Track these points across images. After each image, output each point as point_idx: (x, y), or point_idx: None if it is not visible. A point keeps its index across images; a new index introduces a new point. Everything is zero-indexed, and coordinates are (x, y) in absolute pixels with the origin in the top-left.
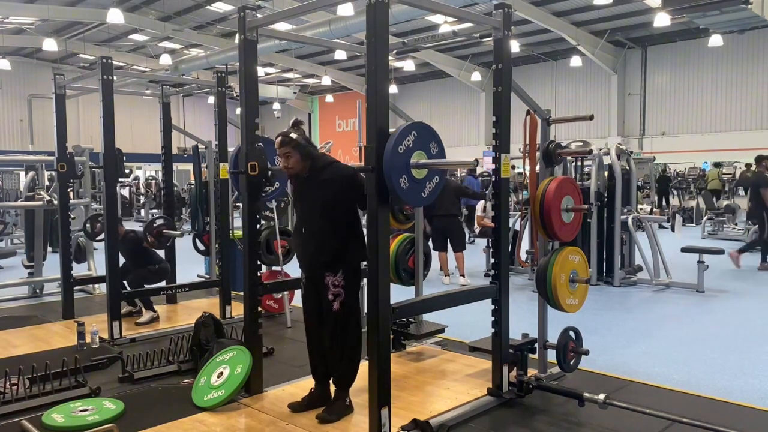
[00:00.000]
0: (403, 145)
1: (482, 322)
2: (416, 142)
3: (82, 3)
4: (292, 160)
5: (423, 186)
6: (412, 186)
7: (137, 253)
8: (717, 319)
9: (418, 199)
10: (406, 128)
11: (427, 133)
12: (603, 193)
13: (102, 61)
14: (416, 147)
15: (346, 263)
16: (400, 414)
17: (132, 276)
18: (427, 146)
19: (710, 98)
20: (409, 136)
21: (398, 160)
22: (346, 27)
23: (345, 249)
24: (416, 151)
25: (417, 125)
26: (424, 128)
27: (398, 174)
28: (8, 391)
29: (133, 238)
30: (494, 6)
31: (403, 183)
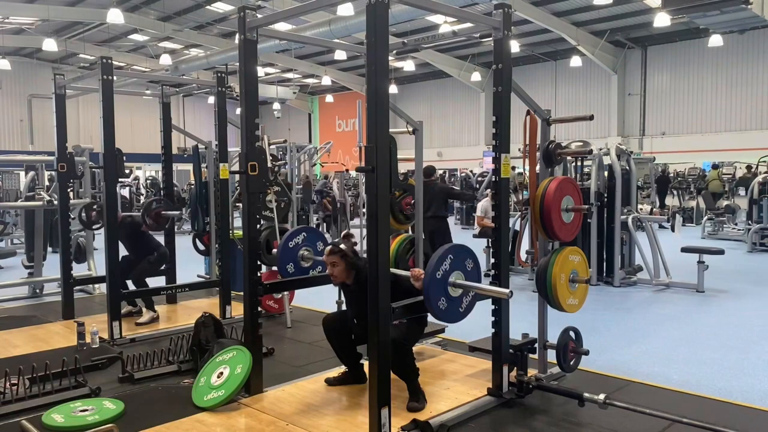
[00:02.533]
0: (442, 269)
1: (482, 322)
2: (453, 264)
3: (82, 3)
4: (338, 269)
5: (460, 302)
6: (450, 305)
7: (135, 237)
8: (717, 319)
9: (456, 316)
10: (444, 252)
11: (463, 253)
12: (603, 193)
13: (102, 61)
14: (453, 268)
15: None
16: (400, 414)
17: (134, 273)
18: (463, 264)
19: (710, 98)
20: (447, 260)
21: (437, 282)
22: (346, 27)
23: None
24: (454, 272)
25: (453, 248)
26: (461, 249)
27: (437, 296)
28: (8, 391)
29: (130, 222)
30: (494, 6)
31: (441, 305)
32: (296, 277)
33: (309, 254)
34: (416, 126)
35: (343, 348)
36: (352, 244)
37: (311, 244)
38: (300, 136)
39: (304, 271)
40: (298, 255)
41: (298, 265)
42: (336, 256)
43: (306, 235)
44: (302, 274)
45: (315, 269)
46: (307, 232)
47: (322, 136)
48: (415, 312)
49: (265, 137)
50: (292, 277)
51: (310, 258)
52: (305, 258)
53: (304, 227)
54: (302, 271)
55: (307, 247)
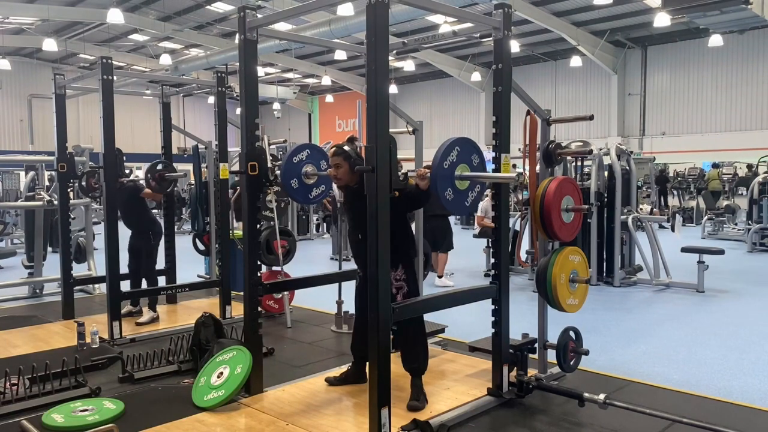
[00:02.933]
0: (448, 159)
1: (482, 322)
2: (460, 156)
3: (82, 3)
4: (341, 170)
5: (466, 196)
6: (457, 197)
7: (133, 202)
8: (717, 319)
9: (463, 208)
10: (451, 144)
11: (470, 146)
12: (603, 193)
13: (102, 61)
14: (460, 161)
15: (402, 258)
16: (400, 414)
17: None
18: (470, 159)
19: (710, 98)
20: (453, 151)
21: (444, 173)
22: (346, 27)
23: (399, 247)
24: (460, 164)
25: (459, 140)
26: (466, 142)
27: (444, 186)
28: (8, 391)
29: (131, 186)
30: (494, 6)
31: (449, 195)
32: (296, 278)
33: (313, 170)
34: (416, 126)
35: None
36: (355, 147)
37: (315, 161)
38: (300, 136)
39: (308, 188)
40: (301, 171)
41: (302, 181)
42: (340, 157)
43: (310, 152)
44: (306, 190)
45: (318, 187)
46: (311, 149)
47: (322, 136)
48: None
49: (265, 137)
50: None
51: (314, 174)
52: (309, 174)
53: (308, 144)
54: (306, 187)
55: (311, 164)
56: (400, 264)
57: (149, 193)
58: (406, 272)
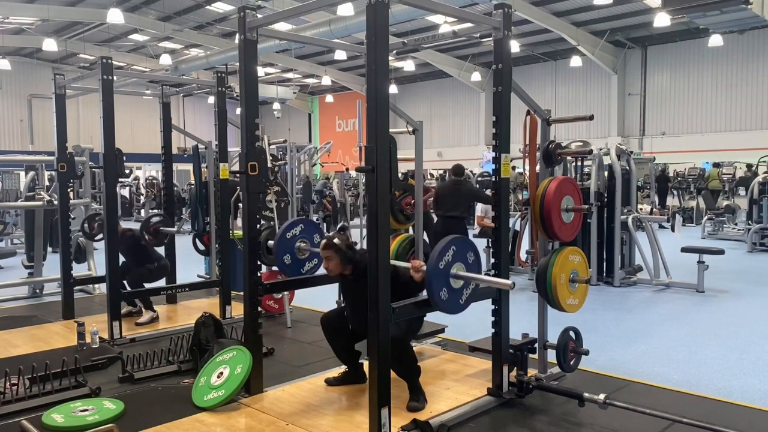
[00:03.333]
0: (444, 260)
1: (482, 322)
2: (455, 256)
3: (82, 3)
4: (332, 263)
5: (461, 294)
6: (451, 296)
7: (136, 251)
8: (717, 319)
9: (457, 307)
10: (446, 245)
11: (465, 245)
12: (603, 193)
13: (102, 61)
14: (455, 260)
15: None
16: (400, 414)
17: (130, 276)
18: (465, 257)
19: (710, 98)
20: (449, 251)
21: (439, 272)
22: (346, 27)
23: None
24: (455, 263)
25: (455, 240)
26: (462, 242)
27: (439, 287)
28: (8, 391)
29: (131, 236)
30: (494, 6)
31: (443, 295)
32: (296, 277)
33: (306, 246)
34: (416, 126)
35: (342, 347)
36: (346, 237)
37: (308, 236)
38: (300, 136)
39: (301, 263)
40: (294, 247)
41: (295, 257)
42: (330, 250)
43: (303, 227)
44: (299, 265)
45: (311, 261)
46: (305, 224)
47: (322, 136)
48: (414, 309)
49: (265, 137)
50: (288, 268)
51: (307, 250)
52: (302, 250)
53: (302, 219)
54: (299, 262)
55: (303, 239)
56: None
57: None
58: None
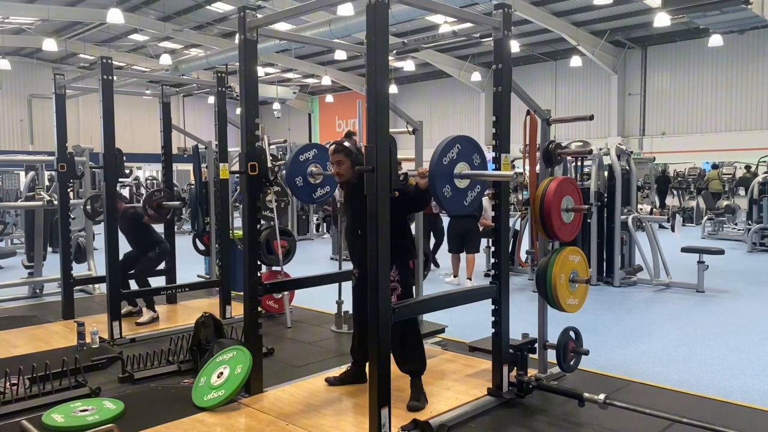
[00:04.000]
0: (448, 156)
1: (482, 322)
2: (460, 154)
3: (82, 3)
4: (344, 167)
5: (465, 195)
6: (455, 195)
7: (136, 229)
8: (717, 319)
9: (460, 207)
10: (451, 141)
11: (471, 146)
12: (603, 193)
13: (102, 61)
14: (460, 159)
15: (398, 259)
16: (400, 414)
17: (136, 271)
18: (470, 158)
19: (710, 98)
20: (453, 149)
21: (442, 170)
22: (346, 27)
23: (396, 246)
24: (460, 163)
25: (461, 138)
26: (468, 141)
27: (442, 184)
28: (8, 391)
29: (132, 213)
30: (494, 6)
31: (446, 192)
32: (296, 278)
33: (318, 170)
34: (416, 126)
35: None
36: (354, 142)
37: (321, 161)
38: (300, 136)
39: (313, 188)
40: (307, 170)
41: (307, 180)
42: (341, 154)
43: (317, 152)
44: (311, 189)
45: (323, 188)
46: (318, 148)
47: (322, 136)
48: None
49: (265, 137)
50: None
51: (320, 174)
52: (314, 174)
53: (315, 144)
54: (311, 186)
55: (316, 164)
56: (395, 265)
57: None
58: (401, 273)
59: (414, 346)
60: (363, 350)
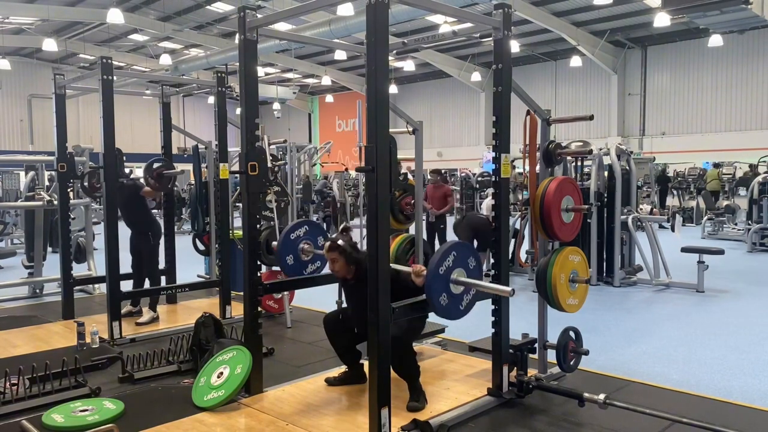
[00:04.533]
0: (444, 264)
1: (482, 322)
2: (456, 261)
3: (82, 3)
4: (338, 264)
5: (461, 300)
6: (451, 301)
7: (133, 201)
8: (717, 319)
9: (457, 313)
10: (448, 249)
11: (466, 251)
12: (603, 193)
13: (102, 61)
14: (456, 265)
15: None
16: (400, 414)
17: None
18: (466, 262)
19: (710, 98)
20: (450, 257)
21: (440, 277)
22: (346, 27)
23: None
24: (456, 269)
25: (456, 246)
26: (463, 247)
27: (439, 292)
28: (8, 391)
29: (131, 185)
30: (494, 6)
31: (443, 300)
32: (297, 277)
33: (309, 248)
34: (416, 126)
35: (344, 346)
36: (350, 238)
37: (312, 237)
38: (300, 136)
39: (304, 264)
40: (298, 248)
41: (298, 258)
42: (335, 252)
43: (308, 229)
44: (302, 266)
45: (314, 263)
46: (309, 225)
47: (322, 136)
48: (416, 309)
49: (265, 137)
50: (291, 269)
51: (310, 251)
52: (305, 251)
53: (306, 220)
54: (302, 264)
55: (307, 241)
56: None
57: (149, 191)
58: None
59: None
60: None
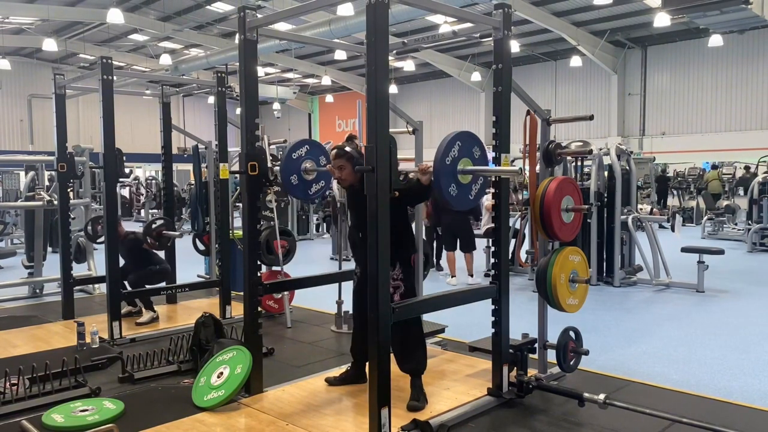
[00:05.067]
0: (450, 155)
1: (482, 322)
2: (461, 151)
3: (82, 3)
4: (345, 171)
5: (469, 189)
6: (460, 191)
7: (137, 254)
8: (717, 319)
9: (467, 202)
10: (452, 139)
11: (470, 140)
12: (603, 193)
13: (102, 61)
14: (461, 155)
15: (400, 257)
16: (400, 414)
17: (133, 276)
18: (471, 152)
19: (710, 98)
20: (455, 147)
21: (446, 169)
22: (346, 27)
23: (398, 245)
24: (462, 159)
25: (460, 135)
26: (467, 136)
27: (447, 183)
28: (8, 391)
29: (132, 239)
30: (494, 6)
31: (452, 191)
32: (296, 278)
33: (312, 166)
34: (416, 126)
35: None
36: (356, 146)
37: (314, 157)
38: (300, 136)
39: (308, 184)
40: (301, 167)
41: (301, 177)
42: (342, 159)
43: (309, 148)
44: (306, 186)
45: (318, 183)
46: (310, 144)
47: (322, 136)
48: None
49: (265, 137)
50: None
51: (314, 170)
52: (308, 171)
53: (307, 140)
54: (306, 183)
55: (309, 160)
56: (398, 263)
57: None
58: (404, 271)
59: (415, 345)
60: (363, 349)
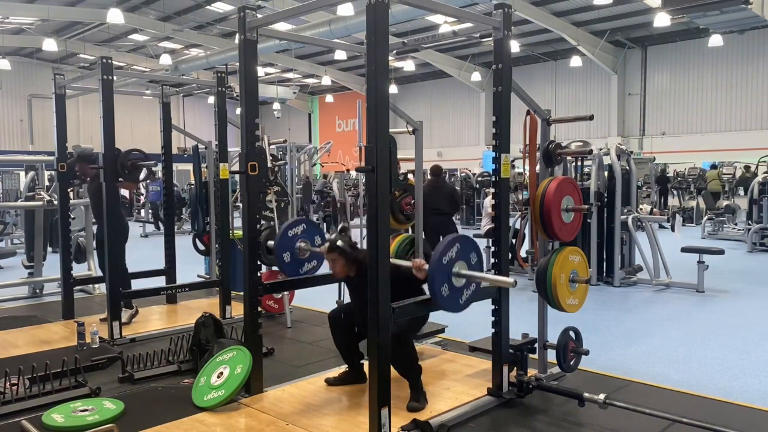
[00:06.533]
0: (448, 255)
1: (482, 322)
2: (458, 253)
3: (82, 3)
4: (338, 265)
5: (461, 293)
6: (452, 293)
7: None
8: (717, 319)
9: (456, 306)
10: (451, 241)
11: (469, 245)
12: (603, 193)
13: (102, 61)
14: (458, 258)
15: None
16: (400, 414)
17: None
18: (468, 256)
19: (710, 98)
20: (453, 248)
21: (442, 268)
22: (346, 27)
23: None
24: (458, 261)
25: (460, 238)
26: (466, 240)
27: (441, 282)
28: (8, 391)
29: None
30: (494, 6)
31: (444, 291)
32: (296, 277)
33: (306, 246)
34: (416, 126)
35: (346, 345)
36: (348, 238)
37: (309, 236)
38: (300, 136)
39: (300, 263)
40: (295, 246)
41: (295, 256)
42: (334, 253)
43: (305, 227)
44: (298, 265)
45: (310, 262)
46: (306, 224)
47: (322, 136)
48: (417, 309)
49: (265, 137)
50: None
51: (307, 250)
52: (302, 250)
53: (303, 219)
54: (298, 262)
55: (304, 240)
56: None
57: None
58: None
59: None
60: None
